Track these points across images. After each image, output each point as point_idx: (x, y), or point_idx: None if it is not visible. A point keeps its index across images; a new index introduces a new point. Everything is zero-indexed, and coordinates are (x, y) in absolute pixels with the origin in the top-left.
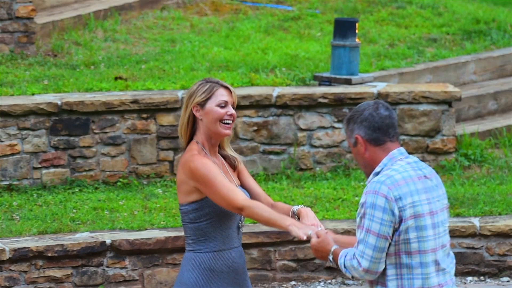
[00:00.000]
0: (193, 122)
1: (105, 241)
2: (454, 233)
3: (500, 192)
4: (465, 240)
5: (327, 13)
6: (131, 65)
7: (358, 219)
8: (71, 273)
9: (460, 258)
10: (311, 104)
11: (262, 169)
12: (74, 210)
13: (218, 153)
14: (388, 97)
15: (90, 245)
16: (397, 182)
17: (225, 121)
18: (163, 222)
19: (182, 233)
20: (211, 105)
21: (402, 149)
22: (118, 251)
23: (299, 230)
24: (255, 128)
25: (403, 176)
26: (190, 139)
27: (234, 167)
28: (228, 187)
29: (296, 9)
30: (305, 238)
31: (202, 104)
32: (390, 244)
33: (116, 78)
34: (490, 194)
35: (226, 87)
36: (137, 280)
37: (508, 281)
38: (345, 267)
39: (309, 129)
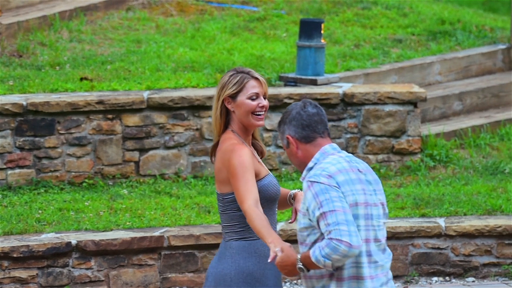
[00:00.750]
0: (226, 113)
1: (70, 242)
2: (419, 234)
3: (465, 193)
4: (430, 241)
5: (293, 13)
6: (96, 65)
7: (314, 217)
8: (37, 274)
9: (425, 258)
10: (276, 105)
11: None
12: (40, 211)
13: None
14: (354, 97)
15: (55, 246)
16: (332, 173)
17: (257, 113)
18: (128, 223)
19: (148, 234)
20: (242, 98)
21: (334, 144)
22: (84, 252)
23: (273, 248)
24: None
25: (337, 167)
26: (224, 128)
27: (262, 154)
28: (246, 187)
29: (261, 9)
30: (270, 260)
31: (233, 97)
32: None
33: (81, 79)
34: (456, 195)
35: (257, 78)
36: (102, 280)
37: (473, 281)
38: (323, 257)
39: (275, 129)
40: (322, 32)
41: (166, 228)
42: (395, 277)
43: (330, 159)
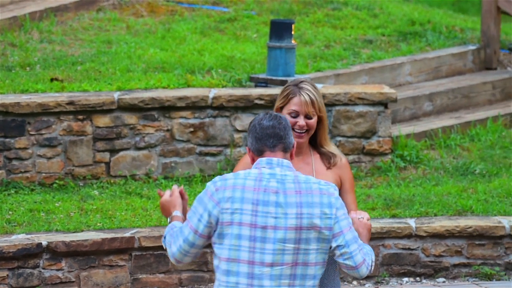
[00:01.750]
0: None
1: (41, 243)
2: (390, 234)
3: (435, 193)
4: (401, 241)
5: (263, 14)
6: (67, 66)
7: None
8: (7, 275)
9: (396, 259)
10: (247, 106)
11: (199, 171)
12: (10, 212)
13: (317, 150)
14: (324, 98)
15: (26, 247)
16: (225, 186)
17: (296, 130)
18: (99, 224)
19: (118, 235)
20: (285, 112)
21: (274, 159)
22: (55, 253)
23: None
24: (191, 129)
25: (235, 182)
26: None
27: (330, 164)
28: None
29: (232, 10)
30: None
31: (280, 108)
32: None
33: (52, 80)
34: (426, 195)
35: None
36: (73, 281)
37: (444, 281)
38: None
39: (246, 130)
40: (292, 33)
41: (137, 229)
42: (366, 277)
43: (244, 172)
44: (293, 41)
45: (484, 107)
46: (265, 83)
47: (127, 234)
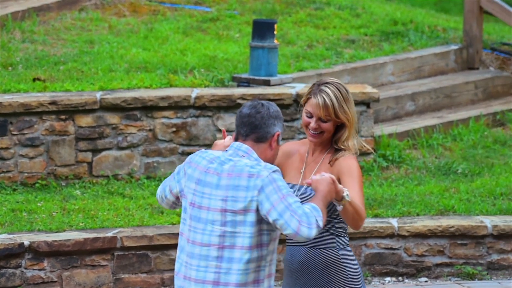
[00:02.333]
0: None
1: (23, 243)
2: (372, 234)
3: (418, 193)
4: (383, 241)
5: (246, 14)
6: (49, 66)
7: None
8: None
9: (378, 258)
10: (229, 105)
11: None
12: None
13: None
14: None
15: (8, 247)
16: (191, 161)
17: (311, 131)
18: (81, 224)
19: (101, 235)
20: (304, 110)
21: (236, 143)
22: (37, 253)
23: None
24: (174, 129)
25: (196, 160)
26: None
27: (331, 159)
28: None
29: (214, 10)
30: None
31: (304, 105)
32: None
33: (34, 79)
34: (408, 195)
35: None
36: (55, 281)
37: (426, 281)
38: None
39: (228, 130)
40: (275, 32)
41: (119, 229)
42: None
43: (208, 153)
44: (275, 41)
45: (466, 107)
46: (248, 82)
47: (110, 234)
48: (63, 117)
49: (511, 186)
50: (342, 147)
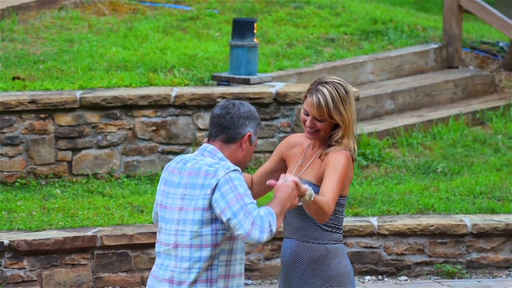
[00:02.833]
0: None
1: (3, 242)
2: (352, 233)
3: (397, 192)
4: (363, 240)
5: (226, 13)
6: (29, 65)
7: None
8: None
9: (358, 257)
10: (209, 104)
11: (161, 169)
12: None
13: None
14: (287, 97)
15: None
16: (166, 167)
17: (307, 128)
18: (61, 223)
19: (81, 233)
20: (302, 106)
21: (205, 144)
22: (16, 252)
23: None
24: (154, 128)
25: (168, 163)
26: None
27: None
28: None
29: (194, 9)
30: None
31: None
32: None
33: (13, 78)
34: (388, 194)
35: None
36: (35, 280)
37: (406, 280)
38: None
39: (208, 129)
40: (255, 31)
41: (99, 228)
42: None
43: (181, 155)
44: (255, 40)
45: (446, 106)
46: (227, 81)
47: (89, 233)
48: (42, 116)
49: (491, 184)
50: (334, 143)
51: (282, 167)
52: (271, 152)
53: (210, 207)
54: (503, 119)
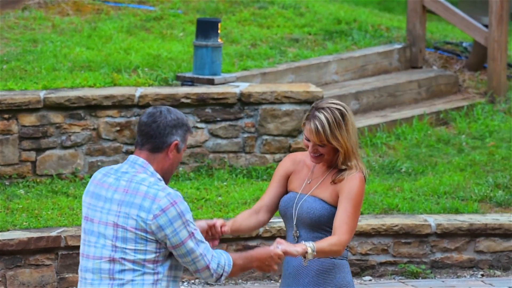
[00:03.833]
0: None
1: None
2: None
3: None
4: None
5: (189, 13)
6: None
7: None
8: None
9: None
10: (173, 104)
11: None
12: None
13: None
14: (251, 97)
15: None
16: (91, 178)
17: (311, 153)
18: (25, 223)
19: (45, 234)
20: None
21: (132, 156)
22: None
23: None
24: (118, 128)
25: (94, 175)
26: None
27: (333, 181)
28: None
29: (158, 9)
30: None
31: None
32: None
33: None
34: None
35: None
36: None
37: (370, 280)
38: None
39: None
40: (219, 31)
41: (63, 228)
42: None
43: (107, 167)
44: (219, 40)
45: (410, 106)
46: (192, 81)
47: (54, 233)
48: (6, 116)
49: (455, 184)
50: (344, 167)
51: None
52: (235, 152)
53: (152, 232)
54: (467, 119)
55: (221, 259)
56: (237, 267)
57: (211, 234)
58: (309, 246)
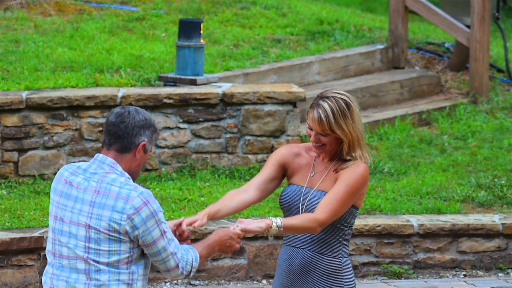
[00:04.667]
0: None
1: None
2: None
3: None
4: None
5: (172, 13)
6: None
7: None
8: None
9: None
10: (156, 105)
11: None
12: None
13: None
14: (233, 97)
15: None
16: (56, 175)
17: (313, 142)
18: (7, 224)
19: (27, 234)
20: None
21: (100, 155)
22: None
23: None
24: (100, 129)
25: (60, 172)
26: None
27: (338, 168)
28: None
29: (140, 9)
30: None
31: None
32: None
33: None
34: None
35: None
36: None
37: None
38: None
39: None
40: (201, 32)
41: (45, 229)
42: None
43: (72, 165)
44: (201, 40)
45: (392, 106)
46: (174, 82)
47: (36, 234)
48: None
49: (437, 185)
50: (348, 157)
51: (281, 175)
52: (217, 152)
53: (126, 232)
54: (449, 119)
55: (188, 256)
56: (203, 258)
57: (178, 234)
58: (274, 221)
